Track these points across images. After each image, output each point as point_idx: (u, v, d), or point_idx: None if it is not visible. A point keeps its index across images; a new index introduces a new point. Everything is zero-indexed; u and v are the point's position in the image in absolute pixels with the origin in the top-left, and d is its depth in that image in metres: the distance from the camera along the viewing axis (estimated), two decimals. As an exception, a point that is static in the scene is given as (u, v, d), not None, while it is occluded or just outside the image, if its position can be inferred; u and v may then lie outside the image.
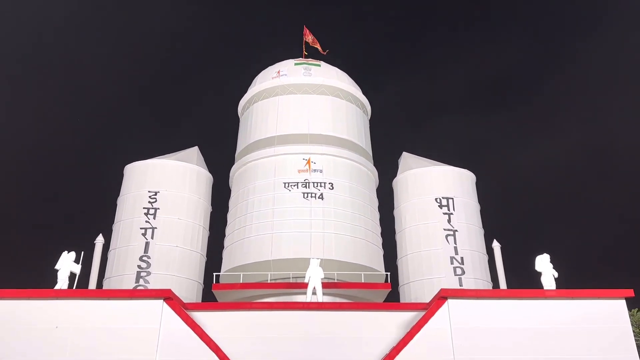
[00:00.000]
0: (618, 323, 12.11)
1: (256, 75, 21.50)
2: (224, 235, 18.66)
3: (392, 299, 17.55)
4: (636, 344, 12.94)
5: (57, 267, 13.00)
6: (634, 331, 13.87)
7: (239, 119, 21.43)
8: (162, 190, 17.48)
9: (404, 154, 19.90)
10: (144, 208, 17.14)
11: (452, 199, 17.56)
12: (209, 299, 17.35)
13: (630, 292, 12.48)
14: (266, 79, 20.19)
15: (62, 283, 12.83)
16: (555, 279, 13.32)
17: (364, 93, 21.04)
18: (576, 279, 17.22)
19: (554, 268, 13.41)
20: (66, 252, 12.99)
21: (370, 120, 21.96)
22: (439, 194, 17.73)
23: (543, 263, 13.32)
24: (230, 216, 18.55)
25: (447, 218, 17.29)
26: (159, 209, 17.20)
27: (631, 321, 15.12)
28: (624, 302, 12.35)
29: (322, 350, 11.78)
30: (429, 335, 11.60)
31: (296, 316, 12.61)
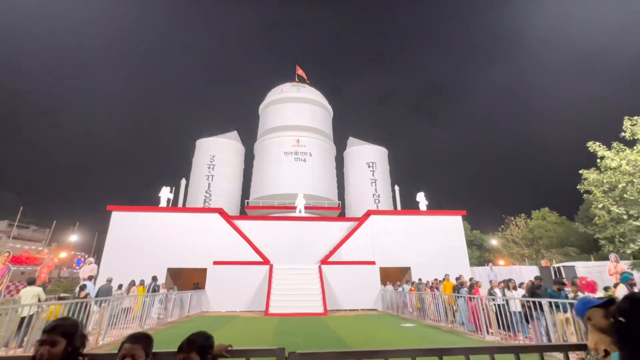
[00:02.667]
0: (457, 228, 18.60)
1: (269, 91, 29.98)
2: (251, 180, 26.75)
3: (341, 215, 25.30)
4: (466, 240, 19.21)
5: (160, 194, 18.57)
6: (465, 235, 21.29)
7: (259, 115, 29.56)
8: (217, 154, 26.20)
9: (350, 137, 29.56)
10: (207, 164, 25.81)
11: (375, 162, 27.44)
12: (243, 213, 24.83)
13: (464, 212, 19.23)
14: (275, 94, 28.57)
15: (164, 202, 18.30)
16: (427, 205, 19.84)
17: (330, 103, 30.14)
18: (437, 205, 24.44)
19: (426, 199, 19.86)
20: (164, 186, 18.86)
21: (333, 118, 30.51)
22: (368, 160, 27.46)
23: (420, 197, 19.92)
24: (255, 170, 26.90)
25: (372, 173, 27.09)
26: (215, 164, 25.79)
27: (466, 233, 23.52)
28: (460, 217, 19.06)
29: (304, 243, 17.74)
30: (360, 234, 17.77)
31: (290, 224, 18.49)
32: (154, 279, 11.82)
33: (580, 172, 14.85)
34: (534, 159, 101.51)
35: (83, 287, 8.86)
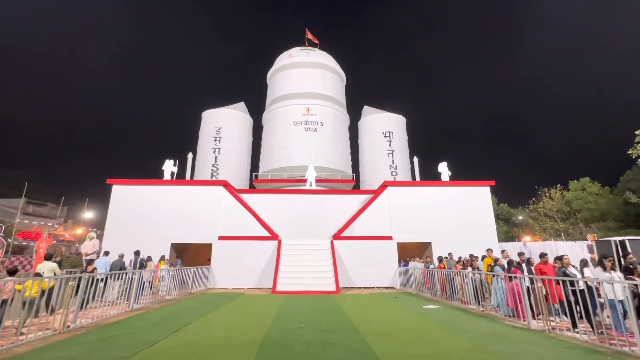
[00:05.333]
0: (484, 200, 16.72)
1: (277, 57, 28.19)
2: (259, 153, 25.98)
3: (355, 189, 23.69)
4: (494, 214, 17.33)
5: (163, 167, 17.64)
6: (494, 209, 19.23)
7: (266, 84, 27.86)
8: (224, 126, 25.17)
9: (365, 106, 27.63)
10: (213, 137, 24.97)
11: (392, 132, 25.79)
12: (252, 188, 23.85)
13: (492, 182, 17.07)
14: (283, 59, 26.80)
15: (167, 176, 17.40)
16: (449, 177, 17.84)
17: (343, 69, 28.08)
18: (461, 178, 22.78)
19: (448, 170, 17.94)
20: (168, 159, 17.88)
21: (346, 86, 28.63)
22: (385, 129, 25.77)
23: (442, 167, 18.15)
24: (263, 142, 25.89)
25: (389, 143, 25.62)
26: (222, 137, 24.89)
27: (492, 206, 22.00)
28: (488, 188, 17.02)
29: (315, 218, 16.59)
30: (375, 208, 16.43)
31: (300, 198, 17.32)
32: (137, 253, 10.95)
33: (637, 132, 12.46)
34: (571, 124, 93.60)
35: (90, 262, 9.56)
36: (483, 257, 10.19)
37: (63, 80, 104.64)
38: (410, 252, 17.07)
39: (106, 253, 11.61)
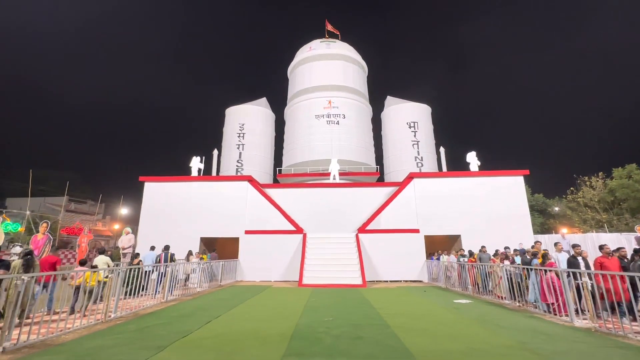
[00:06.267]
0: (518, 190, 15.79)
1: (297, 50, 28.13)
2: (282, 147, 26.07)
3: (380, 181, 23.85)
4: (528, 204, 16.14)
5: (190, 164, 18.13)
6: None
7: (287, 78, 27.96)
8: (247, 122, 25.66)
9: (388, 97, 27.12)
10: (237, 133, 25.52)
11: (417, 122, 25.12)
12: (276, 182, 24.55)
13: (526, 172, 16.06)
14: (303, 52, 26.76)
15: (194, 173, 17.94)
16: (479, 167, 16.94)
17: (364, 59, 27.44)
18: (491, 167, 21.11)
19: (478, 159, 17.17)
20: (194, 156, 18.31)
21: (368, 76, 28.17)
22: (409, 120, 25.17)
23: (471, 157, 17.41)
24: (285, 137, 25.99)
25: (413, 134, 25.03)
26: (245, 133, 25.41)
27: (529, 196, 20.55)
28: (521, 178, 15.97)
29: (339, 211, 16.50)
30: (401, 200, 16.03)
31: (323, 191, 17.35)
32: (166, 248, 11.45)
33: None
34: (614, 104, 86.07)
35: (136, 256, 10.35)
36: (527, 253, 9.55)
37: (102, 83, 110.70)
38: (438, 245, 16.67)
39: (152, 248, 12.43)
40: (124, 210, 35.03)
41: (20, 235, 19.71)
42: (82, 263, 7.43)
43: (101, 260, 8.32)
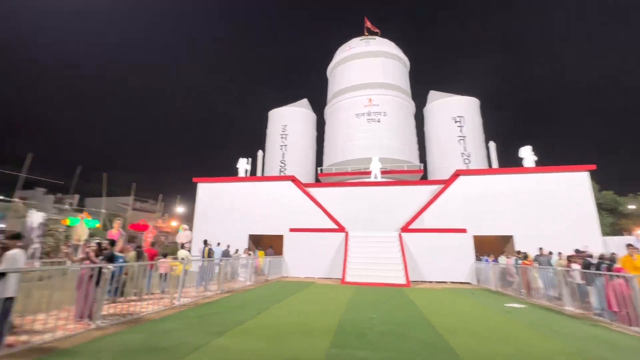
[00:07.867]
0: (582, 187, 14.50)
1: (337, 50, 28.35)
2: (323, 147, 26.39)
3: (423, 179, 22.80)
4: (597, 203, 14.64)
5: (238, 165, 19.19)
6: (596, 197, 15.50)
7: (327, 79, 28.28)
8: (289, 124, 26.43)
9: (431, 91, 26.13)
10: (280, 134, 26.43)
11: (463, 117, 23.90)
12: (318, 182, 24.41)
13: (592, 166, 14.75)
14: (342, 52, 26.88)
15: (241, 173, 18.87)
16: (535, 162, 15.91)
17: (406, 53, 26.99)
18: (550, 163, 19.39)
19: (534, 154, 16.07)
20: (241, 158, 19.42)
21: (411, 71, 27.49)
22: (455, 114, 24.04)
23: (526, 152, 16.30)
24: (326, 137, 26.32)
25: (460, 129, 23.83)
26: (287, 134, 26.20)
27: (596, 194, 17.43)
28: (586, 174, 14.67)
29: (381, 211, 16.52)
30: (446, 198, 15.59)
31: (365, 190, 17.42)
32: (205, 242, 12.02)
33: None
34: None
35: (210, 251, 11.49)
36: (607, 258, 8.52)
37: (183, 94, 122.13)
38: (487, 245, 15.82)
39: (218, 244, 13.60)
40: (180, 209, 38.17)
41: (98, 231, 22.56)
42: (164, 255, 9.40)
43: (182, 254, 9.91)
